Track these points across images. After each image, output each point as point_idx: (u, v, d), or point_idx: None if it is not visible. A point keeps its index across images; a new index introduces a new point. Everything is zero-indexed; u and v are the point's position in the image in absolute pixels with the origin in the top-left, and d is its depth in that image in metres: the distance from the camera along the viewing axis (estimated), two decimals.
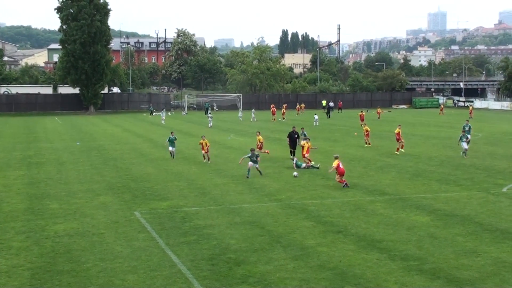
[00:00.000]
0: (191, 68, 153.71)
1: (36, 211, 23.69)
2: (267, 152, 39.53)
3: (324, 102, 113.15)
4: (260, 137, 40.47)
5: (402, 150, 41.66)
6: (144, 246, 18.45)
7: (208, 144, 37.78)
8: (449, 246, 18.13)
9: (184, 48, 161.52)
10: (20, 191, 28.32)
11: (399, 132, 42.05)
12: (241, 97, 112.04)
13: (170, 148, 39.52)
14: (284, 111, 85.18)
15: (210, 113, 77.05)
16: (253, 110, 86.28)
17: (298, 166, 33.88)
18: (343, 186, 28.08)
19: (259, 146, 39.49)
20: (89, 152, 44.36)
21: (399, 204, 24.52)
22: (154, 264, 16.64)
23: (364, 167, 35.14)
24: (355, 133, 58.16)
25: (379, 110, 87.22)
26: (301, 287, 14.78)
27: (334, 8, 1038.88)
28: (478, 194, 26.44)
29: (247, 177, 31.11)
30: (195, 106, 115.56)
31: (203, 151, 37.67)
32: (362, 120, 66.58)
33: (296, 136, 38.58)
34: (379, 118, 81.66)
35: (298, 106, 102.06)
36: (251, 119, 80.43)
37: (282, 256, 17.26)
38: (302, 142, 35.42)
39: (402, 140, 42.18)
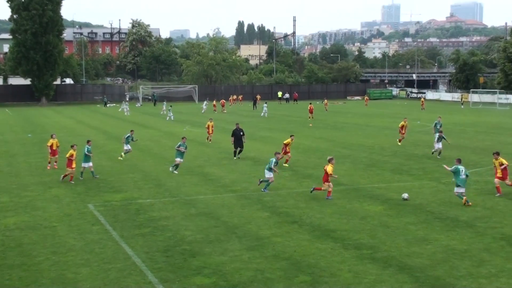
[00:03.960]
0: (146, 59, 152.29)
1: None
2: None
3: (279, 94, 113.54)
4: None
5: (399, 143, 41.32)
6: (98, 238, 18.26)
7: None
8: (401, 235, 18.44)
9: (139, 39, 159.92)
10: None
11: (403, 126, 41.63)
12: (196, 89, 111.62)
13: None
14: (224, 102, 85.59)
15: (126, 103, 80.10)
16: (205, 102, 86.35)
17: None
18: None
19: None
20: (41, 144, 43.56)
21: (353, 194, 24.81)
22: (108, 256, 16.49)
23: (319, 158, 35.37)
24: (310, 124, 58.56)
25: (326, 102, 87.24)
26: (256, 277, 14.83)
27: (290, 0, 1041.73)
28: (430, 183, 26.95)
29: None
30: (150, 97, 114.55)
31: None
32: (311, 112, 66.77)
33: (241, 133, 35.38)
34: (326, 110, 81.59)
35: (231, 97, 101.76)
36: (202, 111, 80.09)
37: (237, 247, 17.30)
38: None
39: (403, 134, 41.66)
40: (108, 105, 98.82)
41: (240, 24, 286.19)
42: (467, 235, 18.40)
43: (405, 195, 23.84)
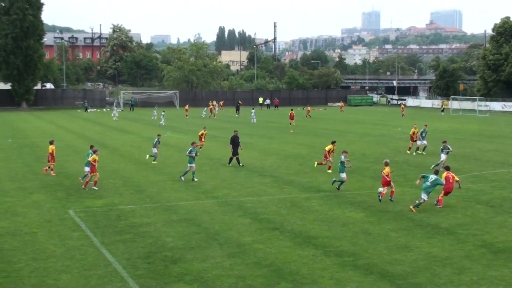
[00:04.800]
0: (127, 64, 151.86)
1: None
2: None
3: (261, 100, 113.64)
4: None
5: (408, 152, 41.02)
6: (78, 245, 18.12)
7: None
8: (382, 242, 18.51)
9: (120, 44, 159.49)
10: None
11: (414, 133, 41.44)
12: (177, 94, 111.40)
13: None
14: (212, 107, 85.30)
15: (115, 108, 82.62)
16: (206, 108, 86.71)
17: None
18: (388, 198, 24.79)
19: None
20: (21, 149, 43.24)
21: (334, 200, 24.86)
22: (88, 263, 16.37)
23: (300, 164, 35.46)
24: (291, 131, 58.66)
25: (308, 108, 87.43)
26: (237, 284, 14.80)
27: (271, 6, 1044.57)
28: (411, 190, 27.05)
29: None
30: (128, 102, 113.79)
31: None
32: (292, 118, 66.76)
33: (238, 140, 35.05)
34: (308, 116, 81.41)
35: (211, 102, 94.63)
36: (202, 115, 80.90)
37: (219, 254, 17.26)
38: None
39: (414, 141, 41.20)
40: (89, 110, 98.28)
41: (221, 30, 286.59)
42: (448, 242, 18.52)
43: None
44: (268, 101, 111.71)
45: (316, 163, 33.58)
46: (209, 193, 26.47)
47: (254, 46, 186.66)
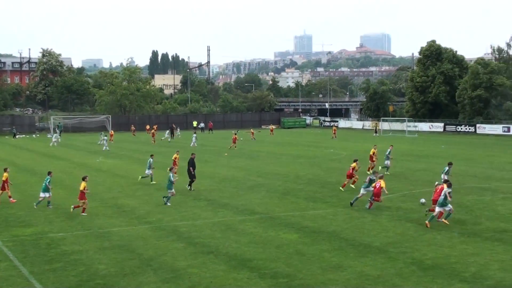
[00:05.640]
0: (58, 89, 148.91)
1: None
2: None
3: (195, 123, 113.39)
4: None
5: (368, 172, 40.78)
6: (6, 275, 17.55)
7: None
8: (316, 262, 18.67)
9: (50, 68, 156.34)
10: None
11: (373, 153, 42.59)
12: (110, 119, 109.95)
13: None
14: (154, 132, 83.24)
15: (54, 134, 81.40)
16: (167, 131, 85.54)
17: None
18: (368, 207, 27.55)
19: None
20: None
21: (268, 222, 24.94)
22: None
23: (234, 187, 35.47)
24: (226, 154, 58.68)
25: (252, 131, 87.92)
26: None
27: (204, 30, 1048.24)
28: (343, 210, 27.46)
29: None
30: (55, 127, 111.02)
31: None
32: (234, 142, 66.70)
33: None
34: (253, 139, 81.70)
35: (132, 127, 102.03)
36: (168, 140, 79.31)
37: (153, 280, 17.03)
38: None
39: (374, 161, 42.25)
40: (17, 136, 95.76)
41: (154, 54, 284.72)
42: (379, 260, 18.84)
43: (423, 200, 28.42)
44: (202, 125, 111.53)
45: (341, 188, 33.76)
46: (142, 219, 26.14)
47: (188, 70, 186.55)
